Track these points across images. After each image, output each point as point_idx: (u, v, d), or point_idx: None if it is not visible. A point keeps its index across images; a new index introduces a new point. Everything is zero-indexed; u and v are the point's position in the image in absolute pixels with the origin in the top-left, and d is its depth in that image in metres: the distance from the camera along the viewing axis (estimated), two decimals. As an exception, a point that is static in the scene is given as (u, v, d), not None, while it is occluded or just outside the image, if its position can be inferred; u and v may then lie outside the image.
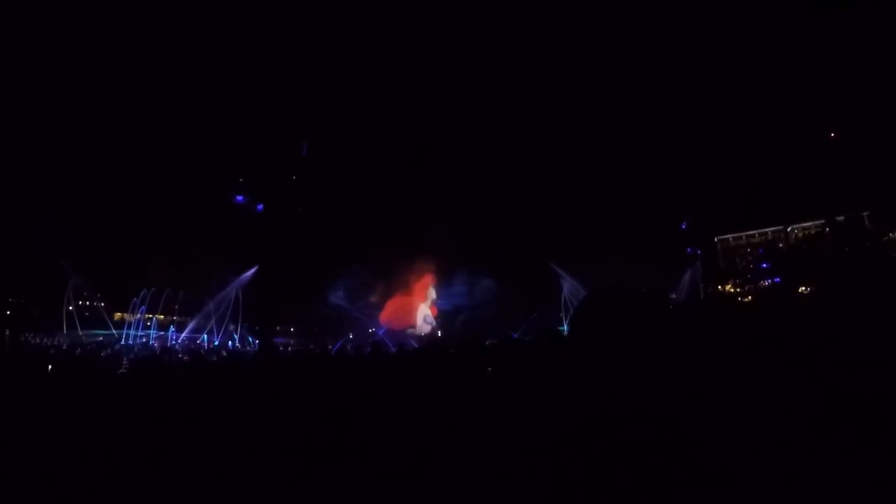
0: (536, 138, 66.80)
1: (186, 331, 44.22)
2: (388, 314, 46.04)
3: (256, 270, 36.97)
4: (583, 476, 1.46)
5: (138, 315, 44.83)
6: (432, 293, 48.38)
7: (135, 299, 44.30)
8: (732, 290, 61.51)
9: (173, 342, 38.84)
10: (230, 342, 41.49)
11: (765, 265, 61.60)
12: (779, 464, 1.64)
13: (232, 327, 43.30)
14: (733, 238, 79.69)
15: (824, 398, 2.08)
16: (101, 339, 40.32)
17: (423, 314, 48.01)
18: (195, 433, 5.16)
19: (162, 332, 43.02)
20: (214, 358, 17.93)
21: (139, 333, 43.10)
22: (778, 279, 55.92)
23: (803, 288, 45.84)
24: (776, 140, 66.13)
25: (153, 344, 36.61)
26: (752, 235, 79.12)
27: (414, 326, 45.85)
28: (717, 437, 1.53)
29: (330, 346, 19.81)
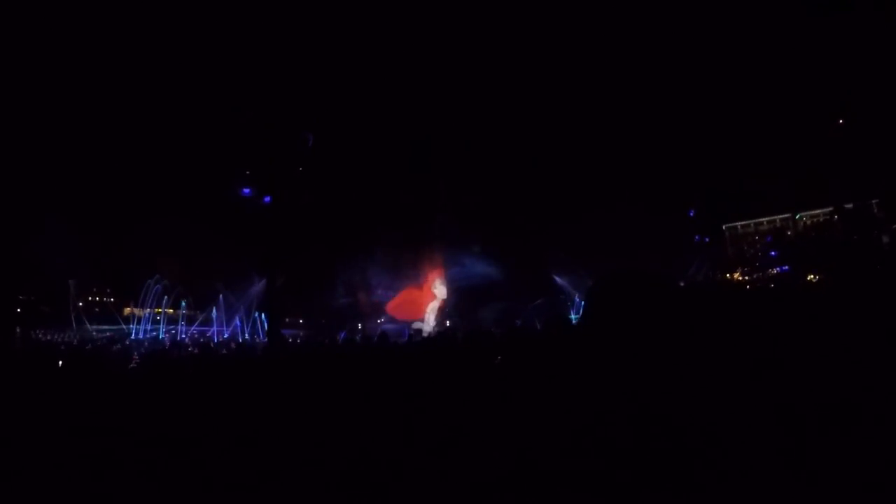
0: (545, 128, 66.66)
1: (196, 324, 44.40)
2: (397, 305, 45.87)
3: (267, 274, 36.96)
4: (598, 465, 1.46)
5: (148, 309, 45.03)
6: (441, 290, 47.99)
7: (149, 281, 44.26)
8: (740, 277, 61.31)
9: (183, 336, 38.99)
10: (238, 331, 41.65)
11: (773, 253, 61.33)
12: (787, 455, 1.65)
13: (240, 315, 43.53)
14: (741, 226, 79.28)
15: (832, 388, 2.08)
16: (109, 334, 40.54)
17: (433, 312, 47.72)
18: (205, 425, 5.20)
19: (171, 327, 43.14)
20: (224, 351, 18.01)
21: (149, 328, 43.30)
22: (786, 267, 55.69)
23: (812, 276, 45.70)
24: (785, 128, 65.74)
25: (163, 338, 36.76)
26: (761, 223, 78.68)
27: (421, 320, 45.66)
28: (727, 430, 1.52)
29: (337, 337, 19.85)
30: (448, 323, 43.33)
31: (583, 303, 1.61)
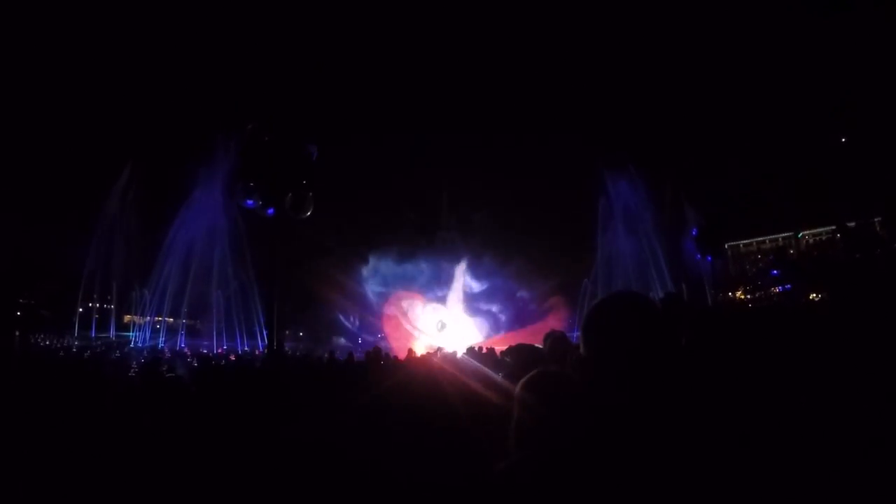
0: (548, 145, 67.03)
1: (191, 334, 44.27)
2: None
3: (267, 274, 36.19)
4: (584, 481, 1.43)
5: (147, 317, 44.89)
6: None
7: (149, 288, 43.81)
8: (743, 296, 61.14)
9: (182, 345, 38.83)
10: (238, 343, 41.42)
11: (775, 272, 61.15)
12: (788, 471, 1.63)
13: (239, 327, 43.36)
14: (744, 244, 79.34)
15: (834, 405, 2.06)
16: (111, 341, 40.41)
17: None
18: (203, 435, 5.17)
19: (167, 338, 42.71)
20: (223, 362, 17.95)
21: (148, 336, 43.15)
22: (788, 286, 55.48)
23: (814, 295, 45.48)
24: (787, 145, 65.95)
25: (163, 346, 36.62)
26: (763, 242, 78.76)
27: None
28: (731, 447, 1.50)
29: (334, 351, 19.62)
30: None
31: (582, 326, 1.50)
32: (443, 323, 40.77)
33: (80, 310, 48.00)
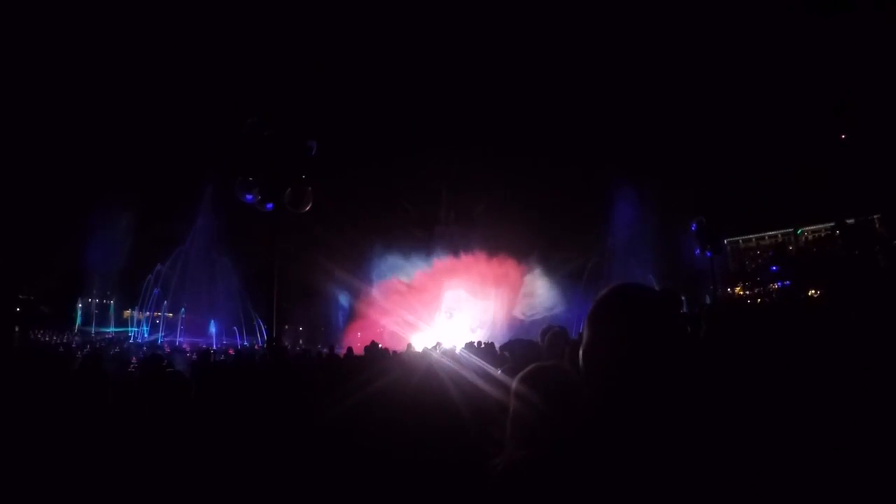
0: (543, 136, 66.88)
1: (190, 330, 44.29)
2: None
3: (266, 269, 35.80)
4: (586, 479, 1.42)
5: (147, 313, 44.88)
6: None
7: (149, 278, 43.67)
8: (742, 292, 61.17)
9: (181, 341, 38.80)
10: (237, 338, 41.40)
11: (774, 268, 61.18)
12: (788, 470, 1.63)
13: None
14: (743, 240, 79.39)
15: (833, 402, 2.05)
16: (110, 337, 40.40)
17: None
18: (203, 432, 5.16)
19: (165, 334, 42.65)
20: (222, 357, 17.94)
21: (147, 331, 43.15)
22: (788, 282, 55.53)
23: (813, 291, 45.51)
24: (787, 142, 65.98)
25: (162, 342, 36.61)
26: (762, 238, 78.80)
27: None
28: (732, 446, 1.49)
29: (333, 345, 19.58)
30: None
31: (588, 318, 1.45)
32: (451, 312, 40.14)
33: (80, 305, 48.03)
